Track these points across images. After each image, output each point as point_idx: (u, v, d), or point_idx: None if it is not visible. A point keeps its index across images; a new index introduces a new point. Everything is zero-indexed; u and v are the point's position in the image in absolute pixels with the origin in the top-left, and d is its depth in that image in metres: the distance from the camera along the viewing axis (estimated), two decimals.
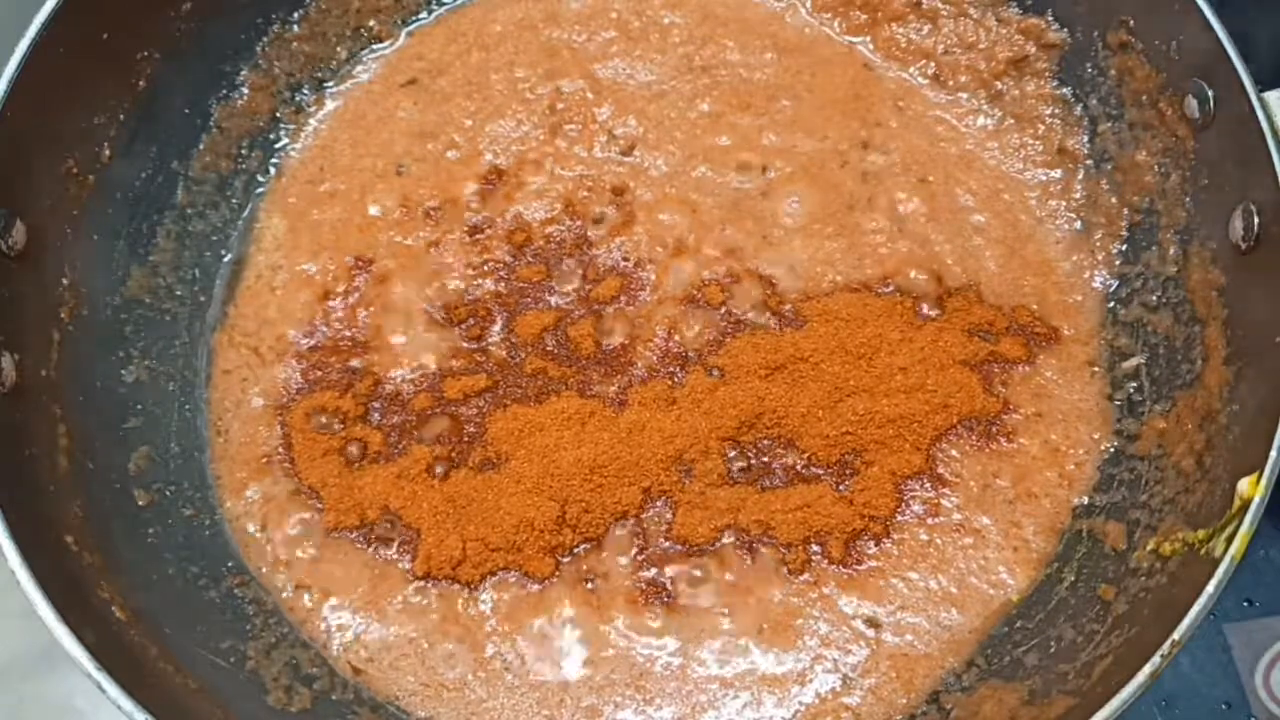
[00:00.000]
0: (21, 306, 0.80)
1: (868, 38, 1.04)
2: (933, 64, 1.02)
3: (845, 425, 0.86)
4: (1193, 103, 0.84)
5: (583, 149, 1.00)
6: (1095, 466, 0.87)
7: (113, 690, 0.66)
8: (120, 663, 0.68)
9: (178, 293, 0.95)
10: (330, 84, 1.05)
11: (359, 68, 1.06)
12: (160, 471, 0.88)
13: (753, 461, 0.87)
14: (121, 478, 0.85)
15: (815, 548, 0.84)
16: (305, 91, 1.04)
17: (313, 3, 1.04)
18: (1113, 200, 0.94)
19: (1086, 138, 0.96)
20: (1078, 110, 0.97)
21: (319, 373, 0.92)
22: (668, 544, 0.85)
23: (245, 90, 1.01)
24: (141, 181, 0.94)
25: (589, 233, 0.96)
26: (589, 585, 0.84)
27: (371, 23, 1.06)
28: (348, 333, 0.94)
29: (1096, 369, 0.90)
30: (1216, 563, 0.68)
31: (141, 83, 0.92)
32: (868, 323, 0.90)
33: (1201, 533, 0.73)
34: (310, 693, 0.81)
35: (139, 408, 0.89)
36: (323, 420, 0.90)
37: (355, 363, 0.92)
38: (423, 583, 0.84)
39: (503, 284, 0.95)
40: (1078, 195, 0.96)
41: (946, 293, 0.93)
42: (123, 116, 0.91)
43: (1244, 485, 0.71)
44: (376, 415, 0.90)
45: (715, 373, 0.89)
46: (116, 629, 0.74)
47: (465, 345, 0.92)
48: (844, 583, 0.84)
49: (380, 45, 1.07)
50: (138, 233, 0.93)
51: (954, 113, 1.01)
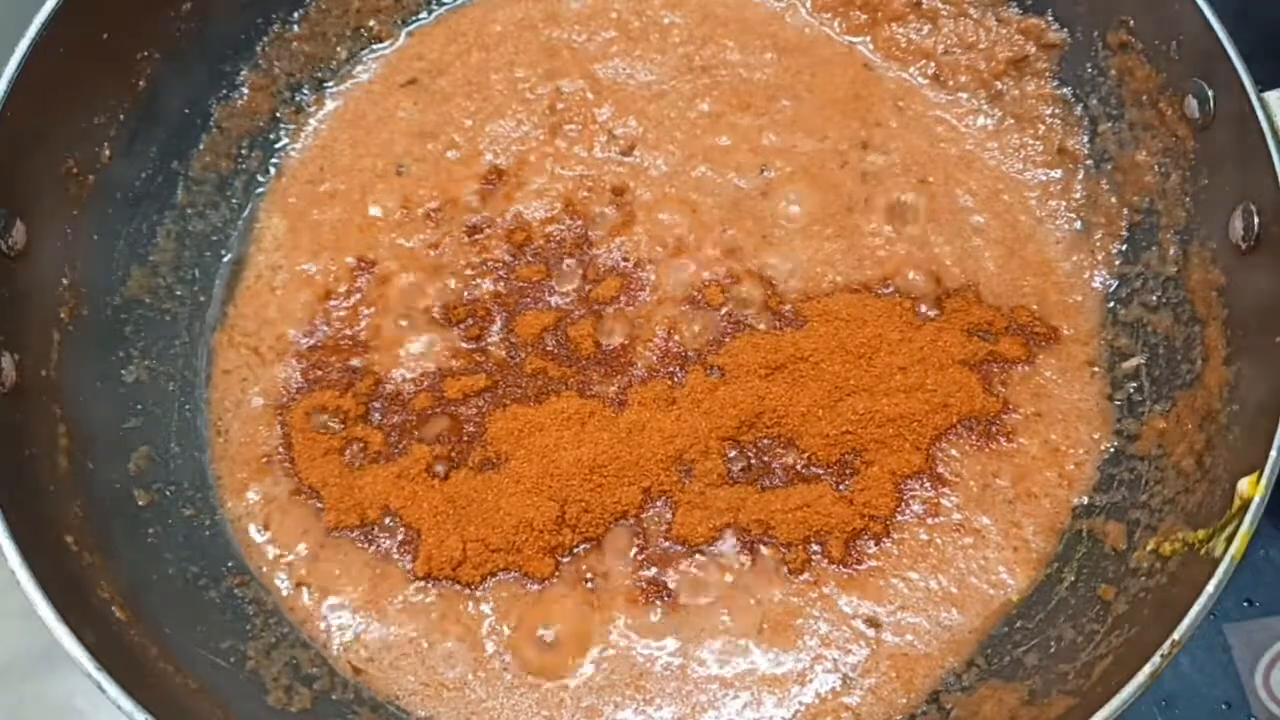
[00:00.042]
0: (21, 306, 0.80)
1: (868, 38, 1.04)
2: (933, 64, 1.02)
3: (845, 425, 0.86)
4: (1193, 103, 0.84)
5: (583, 149, 1.00)
6: (1095, 466, 0.87)
7: (113, 690, 0.66)
8: (120, 663, 0.68)
9: (178, 293, 0.95)
10: (330, 84, 1.05)
11: (359, 68, 1.06)
12: (160, 471, 0.88)
13: (753, 461, 0.87)
14: (121, 478, 0.85)
15: (815, 547, 0.84)
16: (305, 91, 1.04)
17: (313, 3, 1.04)
18: (1113, 200, 0.94)
19: (1086, 138, 0.96)
20: (1078, 110, 0.97)
21: (319, 372, 0.92)
22: (668, 544, 0.85)
23: (245, 90, 1.01)
24: (141, 181, 0.94)
25: (589, 232, 0.96)
26: (589, 585, 0.84)
27: (371, 23, 1.06)
28: (348, 332, 0.94)
29: (1096, 369, 0.90)
30: (1216, 563, 0.68)
31: (141, 83, 0.92)
32: (867, 323, 0.90)
33: (1201, 533, 0.73)
34: (310, 692, 0.81)
35: (139, 408, 0.89)
36: (323, 420, 0.90)
37: (355, 362, 0.92)
38: (423, 583, 0.85)
39: (503, 284, 0.95)
40: (1078, 195, 0.96)
41: (946, 293, 0.93)
42: (123, 116, 0.91)
43: (1244, 485, 0.71)
44: (377, 415, 0.90)
45: (715, 373, 0.89)
46: (116, 629, 0.74)
47: (465, 345, 0.92)
48: (844, 582, 0.84)
49: (380, 45, 1.07)
50: (138, 233, 0.93)
51: (954, 113, 1.01)
